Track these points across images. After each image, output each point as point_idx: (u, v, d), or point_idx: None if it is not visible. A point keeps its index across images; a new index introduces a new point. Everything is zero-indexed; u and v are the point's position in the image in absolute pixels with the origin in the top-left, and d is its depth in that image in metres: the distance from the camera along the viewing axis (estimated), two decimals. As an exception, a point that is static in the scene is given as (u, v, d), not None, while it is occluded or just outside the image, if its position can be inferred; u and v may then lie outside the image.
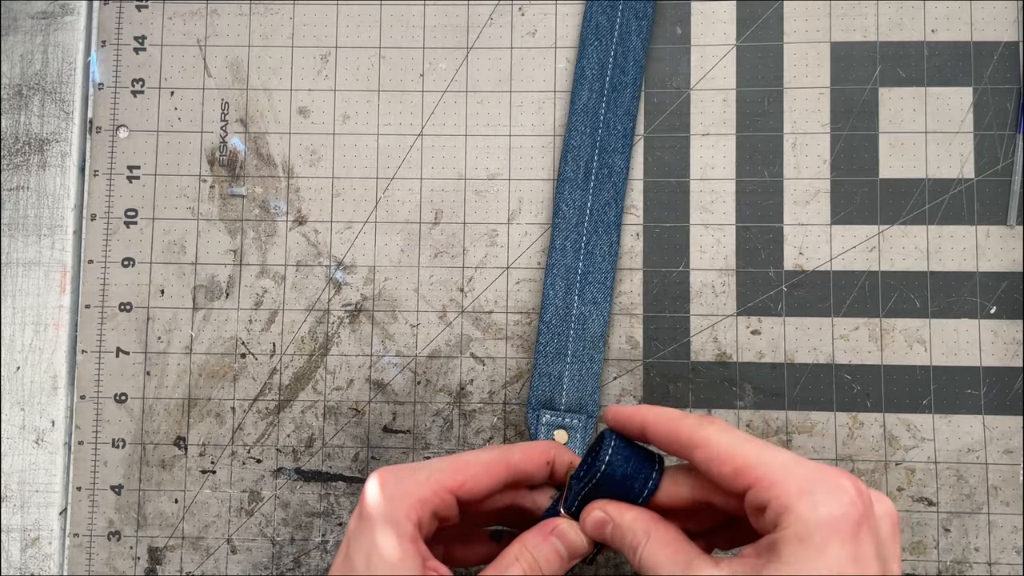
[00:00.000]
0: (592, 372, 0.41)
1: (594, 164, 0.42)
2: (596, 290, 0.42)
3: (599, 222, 0.42)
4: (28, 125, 0.45)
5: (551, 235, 0.42)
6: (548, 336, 0.42)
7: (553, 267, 0.42)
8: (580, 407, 0.41)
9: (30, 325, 0.44)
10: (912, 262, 0.42)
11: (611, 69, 0.43)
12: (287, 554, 0.43)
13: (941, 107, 0.43)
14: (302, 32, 0.45)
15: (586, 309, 0.42)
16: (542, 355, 0.41)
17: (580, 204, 0.42)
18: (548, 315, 0.42)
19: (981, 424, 0.42)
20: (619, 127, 0.43)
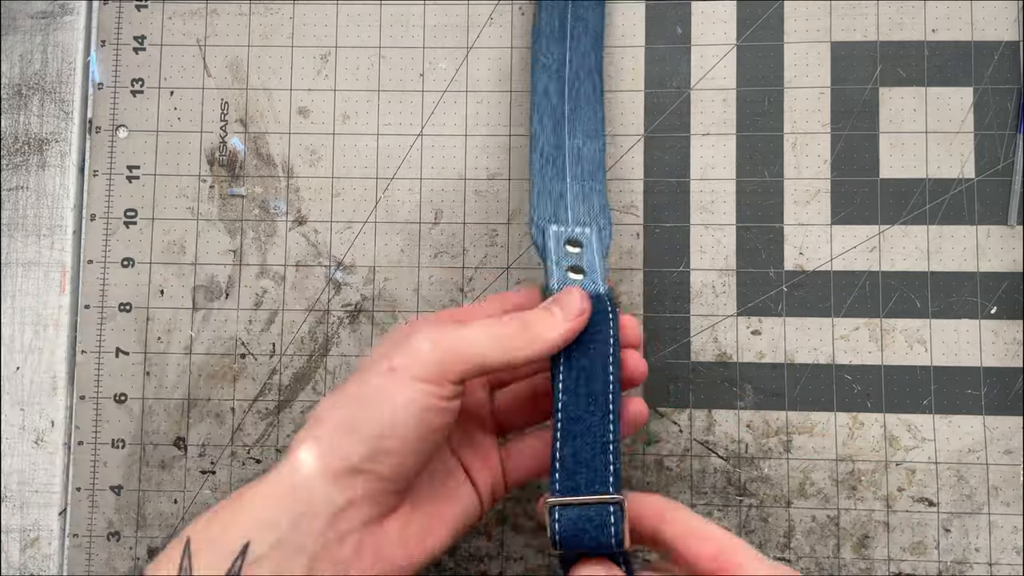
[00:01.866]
0: (596, 191, 0.38)
1: (568, 20, 0.42)
2: (586, 125, 0.40)
3: (580, 67, 0.41)
4: (27, 125, 0.45)
5: (531, 81, 0.41)
6: (543, 162, 0.38)
7: (538, 108, 0.40)
8: (589, 221, 0.37)
9: (29, 325, 0.44)
10: (912, 262, 0.42)
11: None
12: (287, 554, 0.43)
13: (941, 107, 0.43)
14: (302, 32, 0.45)
15: (579, 141, 0.39)
16: (540, 176, 0.38)
17: (559, 54, 0.41)
18: (539, 145, 0.39)
19: (982, 424, 0.42)
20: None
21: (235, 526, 0.28)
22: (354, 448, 0.29)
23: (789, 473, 0.42)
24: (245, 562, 0.28)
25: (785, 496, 0.42)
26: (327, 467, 0.29)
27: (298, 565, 0.28)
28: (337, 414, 0.30)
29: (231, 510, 0.29)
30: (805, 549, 0.42)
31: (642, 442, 0.41)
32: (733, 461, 0.42)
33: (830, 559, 0.41)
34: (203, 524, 0.29)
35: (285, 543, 0.28)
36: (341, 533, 0.29)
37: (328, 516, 0.29)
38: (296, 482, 0.29)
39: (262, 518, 0.28)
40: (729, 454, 0.42)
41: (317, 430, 0.30)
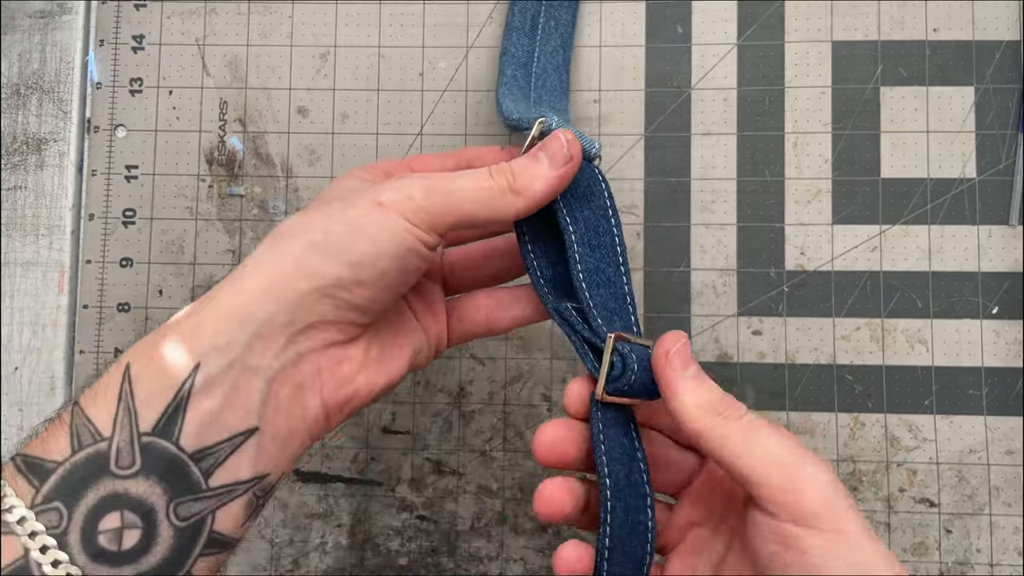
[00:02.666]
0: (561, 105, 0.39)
1: (541, 17, 0.42)
2: (553, 102, 0.40)
3: (548, 64, 0.41)
4: (26, 124, 0.45)
5: (499, 69, 0.41)
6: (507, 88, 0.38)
7: (504, 85, 0.39)
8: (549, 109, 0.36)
9: (28, 325, 0.44)
10: (914, 262, 0.42)
11: None
12: (286, 555, 0.43)
13: (943, 106, 0.43)
14: (301, 31, 0.45)
15: (544, 109, 0.39)
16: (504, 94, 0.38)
17: (528, 49, 0.41)
18: (504, 105, 0.38)
19: (983, 425, 0.41)
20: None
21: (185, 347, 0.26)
22: (328, 271, 0.27)
23: (790, 474, 0.42)
24: (195, 384, 0.25)
25: (786, 497, 0.42)
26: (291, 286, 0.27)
27: (255, 388, 0.26)
28: (312, 234, 0.28)
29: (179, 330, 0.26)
30: (806, 550, 0.41)
31: None
32: (734, 462, 0.42)
33: (831, 560, 0.41)
34: (146, 347, 0.26)
35: (240, 363, 0.26)
36: (300, 354, 0.27)
37: (288, 334, 0.27)
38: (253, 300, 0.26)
39: (216, 338, 0.26)
40: (730, 455, 0.42)
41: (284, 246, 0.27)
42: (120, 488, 0.25)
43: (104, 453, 0.25)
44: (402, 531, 0.43)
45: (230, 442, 0.26)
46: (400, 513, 0.43)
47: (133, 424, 0.25)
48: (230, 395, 0.26)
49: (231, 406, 0.26)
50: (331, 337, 0.28)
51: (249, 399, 0.26)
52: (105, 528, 0.24)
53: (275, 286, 0.27)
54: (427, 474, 0.43)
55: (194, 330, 0.26)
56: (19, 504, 0.24)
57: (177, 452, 0.25)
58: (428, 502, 0.43)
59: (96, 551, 0.24)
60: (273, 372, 0.27)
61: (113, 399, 0.25)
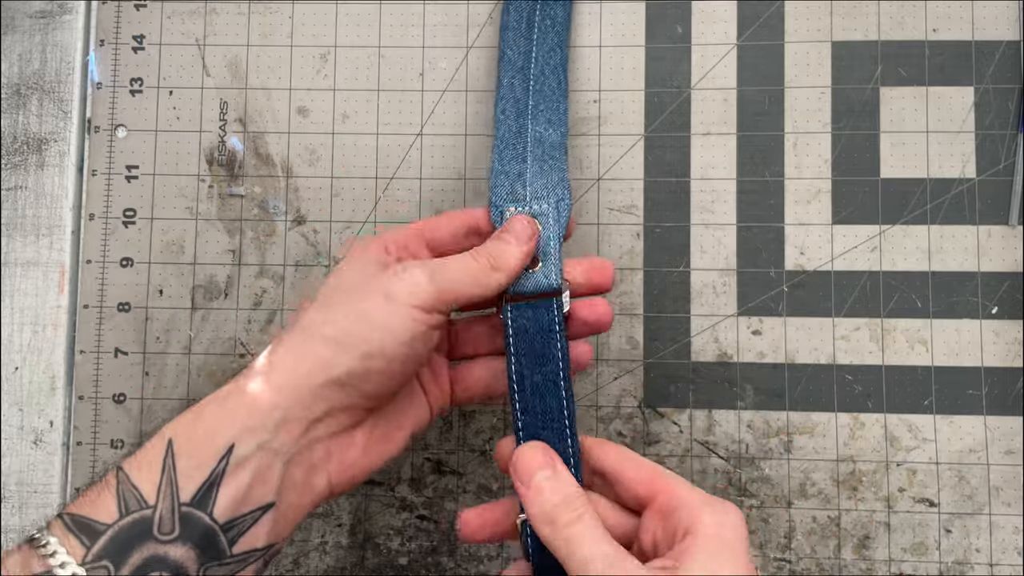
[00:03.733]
0: (556, 168, 0.38)
1: (536, 16, 0.42)
2: (550, 115, 0.40)
3: (545, 65, 0.41)
4: (26, 125, 0.45)
5: (497, 76, 0.41)
6: (503, 147, 0.39)
7: (502, 99, 0.40)
8: (547, 194, 0.37)
9: (28, 325, 0.44)
10: (913, 262, 0.42)
11: None
12: (286, 555, 0.43)
13: (942, 107, 0.43)
14: (301, 31, 0.45)
15: (541, 128, 0.39)
16: (499, 160, 0.38)
17: (525, 50, 0.41)
18: (501, 132, 0.39)
19: (983, 425, 0.42)
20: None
21: (220, 428, 0.29)
22: (343, 363, 0.31)
23: (790, 473, 0.42)
24: (230, 463, 0.29)
25: (786, 496, 0.42)
26: (311, 378, 0.30)
27: (276, 469, 0.30)
28: (328, 329, 0.31)
29: (215, 413, 0.30)
30: (806, 550, 0.41)
31: None
32: (734, 461, 0.42)
33: (831, 560, 0.41)
34: (186, 424, 0.29)
35: (267, 446, 0.29)
36: (313, 439, 0.31)
37: (306, 423, 0.30)
38: (279, 391, 0.30)
39: (247, 422, 0.29)
40: (729, 454, 0.42)
41: (304, 342, 0.31)
42: (161, 552, 0.28)
43: (149, 519, 0.28)
44: (402, 531, 0.43)
45: (252, 515, 0.29)
46: (400, 513, 0.43)
47: (175, 495, 0.28)
48: (257, 474, 0.29)
49: (257, 484, 0.29)
50: (343, 422, 0.32)
51: (271, 478, 0.30)
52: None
53: (297, 380, 0.30)
54: (427, 474, 0.43)
55: (230, 413, 0.30)
56: (71, 561, 0.27)
57: (211, 523, 0.28)
58: (428, 502, 0.43)
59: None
60: (291, 455, 0.30)
61: (157, 470, 0.29)
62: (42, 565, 0.27)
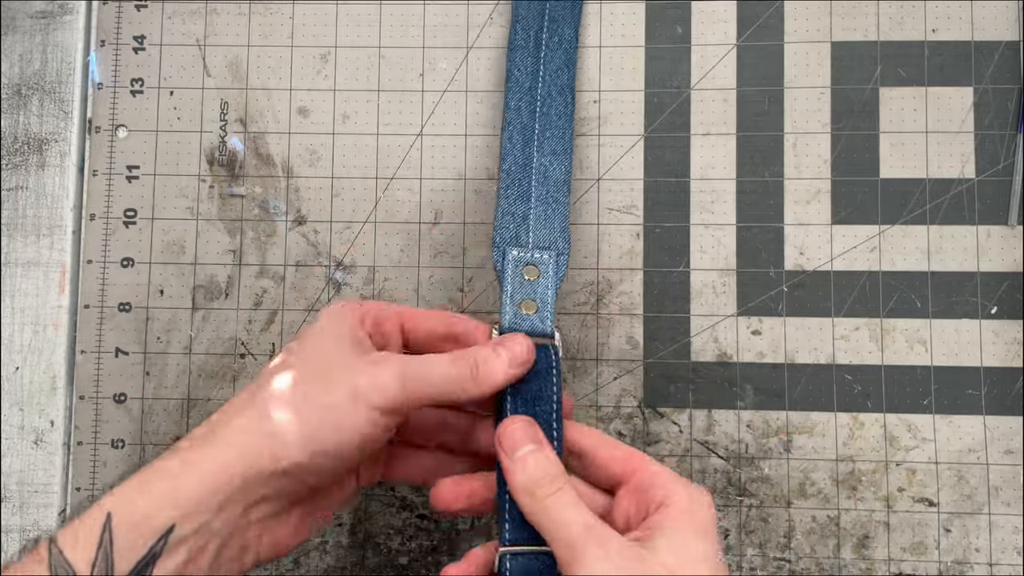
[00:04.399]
0: (559, 212, 0.39)
1: (544, 34, 0.42)
2: (555, 143, 0.41)
3: (552, 85, 0.42)
4: (27, 125, 0.45)
5: (504, 98, 0.42)
6: (509, 182, 0.40)
7: (509, 124, 0.41)
8: (549, 244, 0.39)
9: (29, 325, 0.44)
10: (913, 262, 0.42)
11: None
12: (287, 555, 0.43)
13: (942, 107, 0.43)
14: (302, 32, 0.45)
15: (546, 160, 0.40)
16: (504, 197, 0.39)
17: (532, 70, 0.42)
18: (507, 164, 0.40)
19: (982, 424, 0.42)
20: None
21: (162, 506, 0.29)
22: (292, 457, 0.30)
23: (789, 473, 0.42)
24: (167, 544, 0.29)
25: (785, 496, 0.42)
26: (258, 467, 0.30)
27: (211, 548, 0.30)
28: (285, 415, 0.31)
29: (157, 489, 0.29)
30: (805, 549, 0.42)
31: None
32: (733, 461, 0.42)
33: (830, 559, 0.41)
34: (126, 499, 0.29)
35: (206, 528, 0.29)
36: (250, 521, 0.31)
37: (244, 506, 0.30)
38: (227, 473, 0.30)
39: (190, 505, 0.29)
40: (729, 454, 0.42)
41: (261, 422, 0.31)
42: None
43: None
44: (402, 530, 0.43)
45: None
46: (400, 512, 0.43)
47: (109, 572, 0.28)
48: (192, 554, 0.29)
49: (191, 563, 0.29)
50: (279, 506, 0.32)
51: (204, 558, 0.30)
52: None
53: (242, 462, 0.30)
54: (427, 474, 0.43)
55: (172, 491, 0.29)
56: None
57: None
58: (428, 501, 0.43)
59: None
60: (226, 535, 0.30)
61: (92, 545, 0.28)
62: None
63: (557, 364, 0.35)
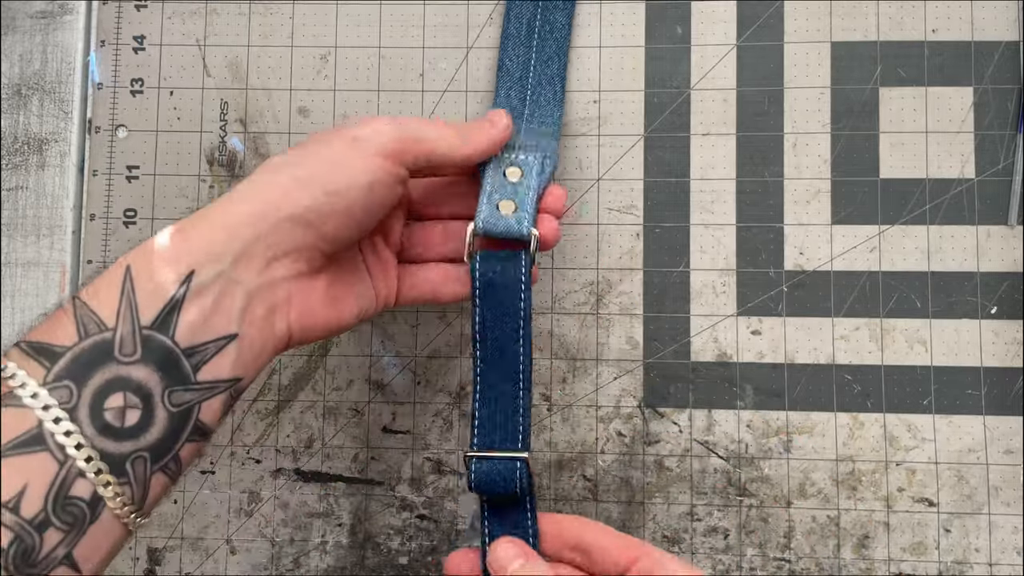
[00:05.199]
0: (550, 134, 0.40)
1: (536, 22, 0.43)
2: (544, 120, 0.41)
3: (543, 75, 0.42)
4: (27, 125, 0.45)
5: (495, 87, 0.42)
6: None
7: (497, 105, 0.42)
8: (534, 148, 0.39)
9: (29, 325, 0.44)
10: (913, 262, 0.42)
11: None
12: (286, 555, 0.43)
13: (942, 107, 0.43)
14: (302, 32, 0.45)
15: (535, 125, 0.41)
16: None
17: (524, 60, 0.42)
18: None
19: (982, 424, 0.42)
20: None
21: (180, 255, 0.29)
22: (305, 198, 0.31)
23: (789, 473, 0.42)
24: (190, 289, 0.29)
25: (785, 496, 0.42)
26: (274, 211, 0.30)
27: (237, 298, 0.30)
28: (295, 168, 0.31)
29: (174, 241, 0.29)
30: (805, 549, 0.42)
31: None
32: (733, 461, 0.42)
33: (830, 559, 0.41)
34: (144, 253, 0.29)
35: (227, 275, 0.29)
36: (275, 278, 0.31)
37: (267, 258, 0.30)
38: (242, 221, 0.30)
39: (207, 251, 0.29)
40: (729, 454, 0.42)
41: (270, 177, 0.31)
42: (123, 372, 0.27)
43: (109, 341, 0.28)
44: (402, 530, 0.43)
45: (215, 343, 0.29)
46: (400, 512, 0.43)
47: (135, 318, 0.28)
48: (217, 302, 0.29)
49: (217, 312, 0.29)
50: (301, 267, 0.32)
51: (232, 308, 0.30)
52: (110, 406, 0.27)
53: (260, 211, 0.30)
54: (427, 474, 0.43)
55: (189, 241, 0.29)
56: (31, 381, 0.27)
57: (173, 346, 0.28)
58: (428, 501, 0.43)
59: (103, 426, 0.27)
60: (252, 288, 0.30)
61: (115, 295, 0.28)
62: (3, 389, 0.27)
63: (527, 276, 0.35)
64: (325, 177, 0.31)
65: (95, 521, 0.27)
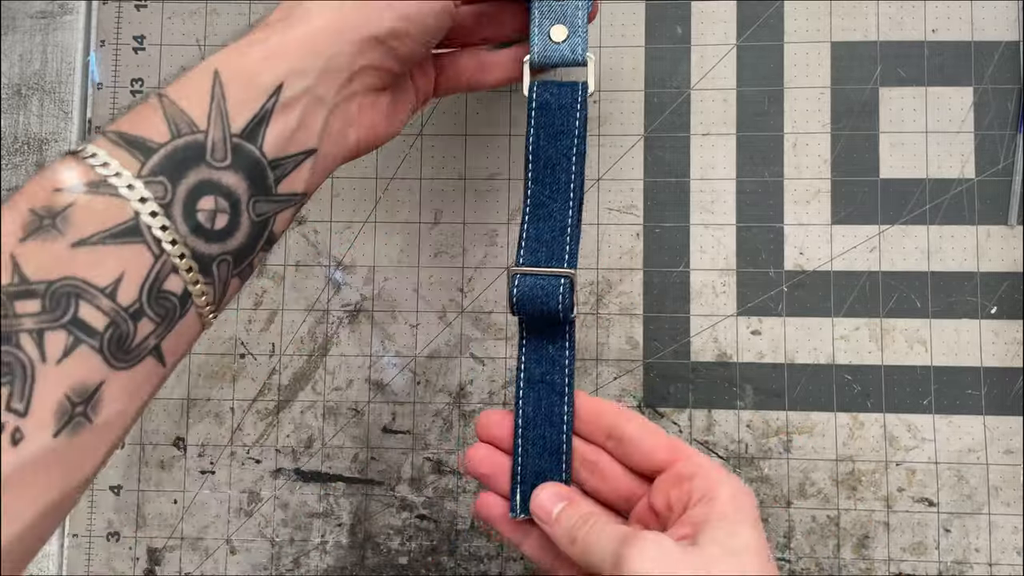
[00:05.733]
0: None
1: None
2: None
3: None
4: (27, 125, 0.45)
5: None
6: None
7: None
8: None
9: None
10: (913, 262, 0.42)
11: None
12: (286, 555, 0.43)
13: (942, 107, 0.43)
14: (301, 32, 0.45)
15: None
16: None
17: None
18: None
19: (982, 424, 0.42)
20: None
21: (267, 67, 0.29)
22: (383, 22, 0.31)
23: (789, 473, 0.42)
24: (279, 101, 0.29)
25: (785, 496, 0.42)
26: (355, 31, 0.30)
27: (320, 113, 0.30)
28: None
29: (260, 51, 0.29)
30: (805, 549, 0.42)
31: None
32: (733, 461, 0.42)
33: (830, 559, 0.41)
34: (231, 59, 0.29)
35: (312, 92, 0.29)
36: (353, 93, 0.31)
37: (346, 76, 0.31)
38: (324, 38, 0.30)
39: (294, 65, 0.29)
40: (729, 454, 0.42)
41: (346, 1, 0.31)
42: (215, 176, 0.27)
43: (201, 143, 0.27)
44: (402, 530, 0.43)
45: (296, 158, 0.29)
46: (400, 512, 0.43)
47: (226, 124, 0.28)
48: (302, 117, 0.29)
49: (302, 127, 0.29)
50: (374, 83, 0.32)
51: (315, 123, 0.30)
52: (202, 208, 0.27)
53: (341, 29, 0.30)
54: (427, 474, 0.43)
55: (275, 54, 0.29)
56: (126, 172, 0.26)
57: (260, 156, 0.28)
58: (428, 501, 0.43)
59: (195, 225, 0.27)
60: (333, 105, 0.31)
61: (204, 100, 0.28)
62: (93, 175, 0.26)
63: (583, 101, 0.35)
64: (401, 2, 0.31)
65: (183, 316, 0.27)
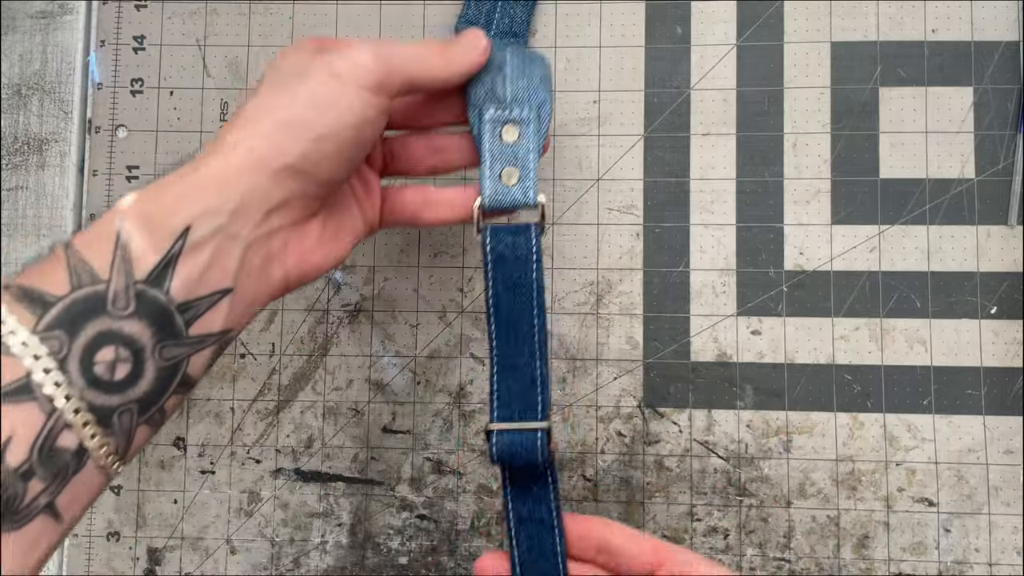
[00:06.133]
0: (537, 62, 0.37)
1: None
2: (512, 21, 0.43)
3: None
4: (27, 125, 0.45)
5: None
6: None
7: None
8: (528, 96, 0.36)
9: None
10: (912, 262, 0.42)
11: None
12: (286, 555, 0.43)
13: (942, 107, 0.43)
14: (302, 32, 0.45)
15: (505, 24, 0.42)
16: None
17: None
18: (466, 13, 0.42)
19: (982, 424, 0.42)
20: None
21: (177, 208, 0.28)
22: (295, 147, 0.30)
23: (789, 473, 0.42)
24: (186, 244, 0.28)
25: (785, 496, 0.42)
26: (267, 164, 0.30)
27: (234, 252, 0.29)
28: (278, 113, 0.30)
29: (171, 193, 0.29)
30: (805, 549, 0.42)
31: None
32: (733, 461, 0.42)
33: (830, 559, 0.41)
34: (138, 202, 0.28)
35: (224, 230, 0.29)
36: (272, 229, 0.31)
37: (263, 211, 0.30)
38: (236, 175, 0.29)
39: (208, 204, 0.29)
40: (729, 454, 0.42)
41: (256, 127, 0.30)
42: (115, 326, 0.27)
43: (102, 294, 0.27)
44: (402, 530, 0.43)
45: (209, 299, 0.29)
46: (400, 512, 0.43)
47: (129, 271, 0.27)
48: (214, 257, 0.29)
49: (213, 267, 0.29)
50: (296, 215, 0.31)
51: (228, 263, 0.29)
52: (101, 359, 0.27)
53: (252, 164, 0.30)
54: (427, 474, 0.43)
55: (187, 195, 0.29)
56: (22, 329, 0.26)
57: (166, 302, 0.28)
58: (428, 501, 0.43)
59: (92, 378, 0.27)
60: (249, 242, 0.30)
61: (109, 247, 0.27)
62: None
63: (537, 249, 0.35)
64: (312, 121, 0.30)
65: (79, 471, 0.27)
